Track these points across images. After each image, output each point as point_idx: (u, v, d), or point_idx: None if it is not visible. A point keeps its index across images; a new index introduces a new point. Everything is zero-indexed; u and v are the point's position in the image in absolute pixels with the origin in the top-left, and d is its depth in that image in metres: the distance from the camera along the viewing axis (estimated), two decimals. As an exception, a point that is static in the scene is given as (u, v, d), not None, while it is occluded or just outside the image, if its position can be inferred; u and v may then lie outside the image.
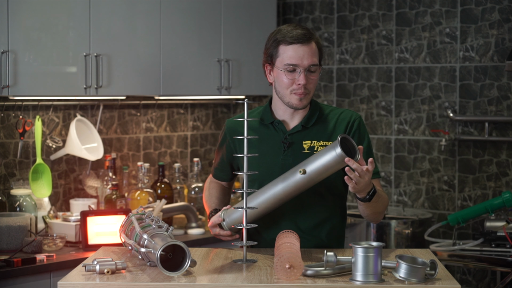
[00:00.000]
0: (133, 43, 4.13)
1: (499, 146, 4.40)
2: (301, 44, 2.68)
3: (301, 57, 2.68)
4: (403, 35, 4.68)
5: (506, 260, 3.80)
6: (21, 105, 3.99)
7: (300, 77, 2.68)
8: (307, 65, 2.68)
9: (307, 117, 2.79)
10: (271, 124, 2.80)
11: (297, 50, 2.68)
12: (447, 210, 4.56)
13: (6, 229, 3.59)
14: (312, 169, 2.51)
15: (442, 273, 2.38)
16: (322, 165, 2.49)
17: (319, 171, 2.51)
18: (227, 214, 2.70)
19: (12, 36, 3.62)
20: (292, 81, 2.70)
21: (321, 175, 2.53)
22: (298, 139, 2.77)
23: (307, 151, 2.75)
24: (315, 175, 2.52)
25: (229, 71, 4.59)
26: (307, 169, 2.52)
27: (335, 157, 2.46)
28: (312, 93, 2.74)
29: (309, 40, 2.69)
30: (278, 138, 2.78)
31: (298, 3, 5.04)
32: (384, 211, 2.74)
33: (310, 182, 2.55)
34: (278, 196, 2.60)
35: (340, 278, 2.31)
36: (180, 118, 4.86)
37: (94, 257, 2.53)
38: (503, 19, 4.37)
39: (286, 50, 2.69)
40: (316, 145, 2.76)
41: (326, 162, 2.48)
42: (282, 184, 2.58)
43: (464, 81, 4.50)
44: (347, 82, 4.87)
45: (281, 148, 2.77)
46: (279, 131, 2.79)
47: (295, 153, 2.75)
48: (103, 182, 4.20)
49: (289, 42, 2.68)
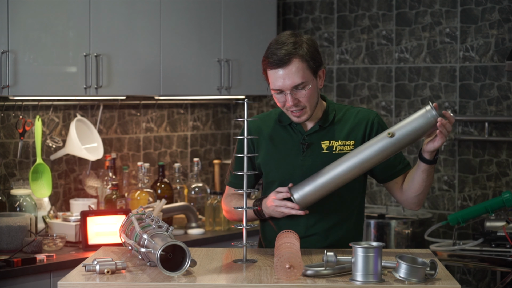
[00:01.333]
0: (133, 43, 4.13)
1: (499, 146, 4.40)
2: (281, 68, 2.67)
3: (282, 81, 2.67)
4: (403, 35, 4.68)
5: (506, 260, 3.80)
6: (21, 105, 3.99)
7: (287, 99, 2.69)
8: (290, 87, 2.67)
9: (324, 118, 2.80)
10: (289, 125, 2.81)
11: (277, 74, 2.68)
12: (447, 210, 4.57)
13: (6, 229, 3.59)
14: (402, 132, 2.54)
15: (442, 273, 2.38)
16: (414, 128, 2.53)
17: (409, 134, 2.53)
18: (295, 190, 2.67)
19: (12, 36, 3.62)
20: (284, 102, 2.72)
21: (409, 138, 2.55)
22: (317, 140, 2.78)
23: (326, 151, 2.76)
24: (403, 138, 2.54)
25: (229, 71, 4.59)
26: (396, 132, 2.54)
27: (429, 118, 2.51)
28: (310, 106, 2.72)
29: (288, 61, 2.65)
30: (297, 139, 2.79)
31: (298, 3, 5.04)
32: (429, 190, 2.79)
33: (394, 146, 2.56)
34: (353, 167, 2.62)
35: (340, 278, 2.31)
36: (180, 118, 4.86)
37: (94, 257, 2.53)
38: (503, 19, 4.37)
39: (270, 74, 2.70)
40: (334, 144, 2.77)
41: (418, 125, 2.53)
42: (360, 155, 2.60)
43: (464, 81, 4.50)
44: (347, 82, 4.87)
45: (300, 149, 2.78)
46: (297, 132, 2.80)
47: (314, 153, 2.76)
48: (103, 182, 4.20)
49: (270, 67, 2.69)
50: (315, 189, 2.63)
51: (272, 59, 2.67)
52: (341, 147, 2.77)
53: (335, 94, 4.91)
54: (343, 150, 2.76)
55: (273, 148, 2.80)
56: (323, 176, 2.63)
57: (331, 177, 2.63)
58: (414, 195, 2.74)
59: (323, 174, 2.63)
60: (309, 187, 2.64)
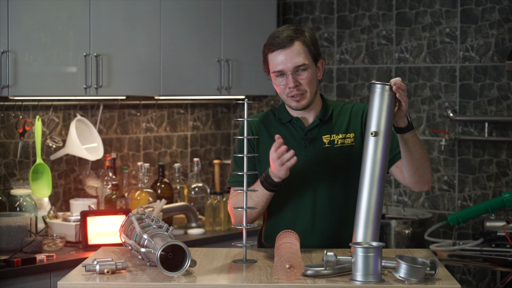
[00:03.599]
0: (133, 43, 4.13)
1: (499, 146, 4.40)
2: (282, 49, 2.71)
3: (284, 61, 2.71)
4: (403, 35, 4.68)
5: (506, 260, 3.80)
6: (21, 105, 3.99)
7: (288, 81, 2.71)
8: (292, 68, 2.71)
9: (323, 111, 2.82)
10: (289, 122, 2.83)
11: (279, 56, 2.72)
12: (447, 210, 4.56)
13: (6, 229, 3.59)
14: (381, 124, 2.48)
15: (442, 273, 2.38)
16: (385, 112, 2.48)
17: (386, 120, 2.48)
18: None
19: (12, 36, 3.62)
20: (285, 86, 2.73)
21: (389, 123, 2.49)
22: (318, 134, 2.80)
23: (328, 145, 2.78)
24: (385, 127, 2.49)
25: (229, 71, 4.59)
26: (376, 129, 2.50)
27: (388, 92, 2.47)
28: (310, 91, 2.75)
29: (290, 43, 2.71)
30: (298, 135, 2.81)
31: (298, 3, 5.04)
32: (429, 164, 2.69)
33: (386, 139, 2.50)
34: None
35: (340, 278, 2.31)
36: (180, 118, 4.86)
37: (94, 257, 2.53)
38: (503, 19, 4.37)
39: (271, 58, 2.74)
40: (335, 138, 2.79)
41: (386, 106, 2.48)
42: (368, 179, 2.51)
43: (464, 81, 4.50)
44: (347, 82, 4.87)
45: (302, 144, 2.79)
46: (298, 128, 2.81)
47: (316, 148, 2.78)
48: (103, 182, 4.20)
49: (272, 49, 2.73)
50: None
51: (275, 41, 2.72)
52: (342, 140, 2.79)
53: (335, 94, 4.91)
54: (345, 143, 2.78)
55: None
56: (362, 212, 2.53)
57: (369, 208, 2.52)
58: (411, 172, 2.68)
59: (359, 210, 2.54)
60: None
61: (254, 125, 2.86)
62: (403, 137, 2.59)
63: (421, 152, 2.65)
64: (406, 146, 2.62)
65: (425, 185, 2.73)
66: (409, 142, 2.61)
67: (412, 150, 2.62)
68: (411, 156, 2.64)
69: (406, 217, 4.34)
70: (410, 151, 2.63)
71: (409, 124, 2.58)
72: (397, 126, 2.58)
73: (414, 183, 2.72)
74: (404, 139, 2.60)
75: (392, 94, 2.47)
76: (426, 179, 2.71)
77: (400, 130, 2.58)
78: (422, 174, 2.69)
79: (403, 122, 2.56)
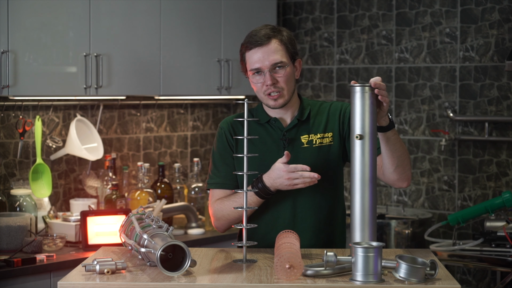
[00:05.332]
0: (133, 43, 4.13)
1: (499, 146, 4.40)
2: (260, 47, 2.72)
3: (261, 59, 2.71)
4: (403, 35, 4.68)
5: (506, 260, 3.80)
6: (21, 105, 3.99)
7: (265, 78, 2.72)
8: (269, 66, 2.71)
9: (300, 111, 2.82)
10: (267, 123, 2.82)
11: (257, 54, 2.72)
12: (447, 210, 4.57)
13: (6, 229, 3.59)
14: (365, 126, 2.46)
15: (442, 273, 2.38)
16: (368, 113, 2.45)
17: (370, 121, 2.46)
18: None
19: (12, 36, 3.62)
20: (262, 84, 2.74)
21: (373, 124, 2.47)
22: (296, 135, 2.80)
23: (306, 145, 2.78)
24: (370, 129, 2.46)
25: (229, 71, 4.59)
26: (361, 131, 2.47)
27: (368, 93, 2.44)
28: (287, 89, 2.74)
29: (268, 40, 2.72)
30: (276, 136, 2.81)
31: (298, 3, 5.04)
32: (409, 161, 2.69)
33: (372, 141, 2.47)
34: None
35: (340, 278, 2.31)
36: (180, 118, 4.86)
37: (94, 257, 2.53)
38: (503, 19, 4.37)
39: (249, 56, 2.74)
40: (313, 138, 2.79)
41: (369, 107, 2.45)
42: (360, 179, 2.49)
43: (464, 81, 4.50)
44: (347, 82, 4.87)
45: (281, 145, 2.79)
46: (276, 128, 2.81)
47: (295, 148, 2.78)
48: (103, 182, 4.20)
49: (249, 47, 2.73)
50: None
51: (253, 39, 2.73)
52: (320, 140, 2.79)
53: (335, 94, 4.91)
54: (323, 143, 2.79)
55: (252, 146, 2.79)
56: (360, 216, 2.51)
57: (363, 211, 2.50)
58: (392, 170, 2.67)
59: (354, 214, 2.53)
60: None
61: (233, 126, 2.84)
62: (384, 135, 2.59)
63: (402, 149, 2.65)
64: (388, 144, 2.62)
65: (404, 182, 2.73)
66: (390, 140, 2.61)
67: (393, 148, 2.63)
68: (392, 153, 2.64)
69: (406, 217, 4.34)
70: (391, 149, 2.63)
71: (390, 122, 2.57)
72: (379, 125, 2.57)
73: (394, 180, 2.72)
74: (385, 138, 2.60)
75: (372, 93, 2.45)
76: (406, 176, 2.72)
77: (382, 129, 2.58)
78: (402, 171, 2.69)
79: (385, 121, 2.56)
